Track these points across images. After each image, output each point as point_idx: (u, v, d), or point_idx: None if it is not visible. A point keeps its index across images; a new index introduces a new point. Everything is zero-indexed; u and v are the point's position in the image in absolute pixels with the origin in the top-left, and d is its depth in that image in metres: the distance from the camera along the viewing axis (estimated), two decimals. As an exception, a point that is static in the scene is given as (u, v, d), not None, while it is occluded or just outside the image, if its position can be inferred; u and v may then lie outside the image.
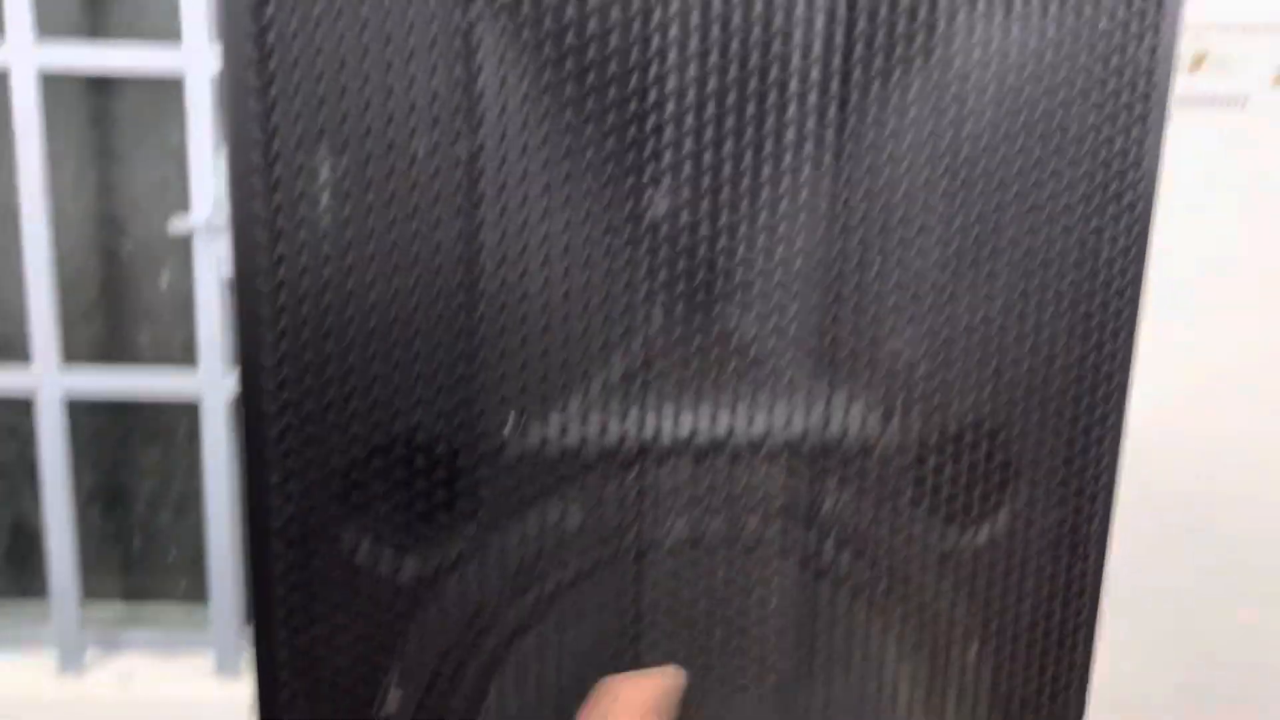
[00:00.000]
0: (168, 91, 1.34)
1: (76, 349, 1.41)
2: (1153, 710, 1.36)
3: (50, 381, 1.34)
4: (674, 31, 0.32)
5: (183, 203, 1.38)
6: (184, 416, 1.46)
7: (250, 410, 0.32)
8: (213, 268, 1.31)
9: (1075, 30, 0.37)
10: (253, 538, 0.33)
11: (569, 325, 0.33)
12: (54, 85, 1.31)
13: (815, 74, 0.35)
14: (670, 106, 0.33)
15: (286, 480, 0.32)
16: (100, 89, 1.37)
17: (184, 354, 1.44)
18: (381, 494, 0.33)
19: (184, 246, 1.39)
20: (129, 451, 1.48)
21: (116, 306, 1.44)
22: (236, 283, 0.32)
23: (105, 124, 1.39)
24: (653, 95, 0.33)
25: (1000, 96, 0.37)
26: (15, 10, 1.24)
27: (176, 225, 1.30)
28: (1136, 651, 1.34)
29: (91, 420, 1.45)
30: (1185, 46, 1.15)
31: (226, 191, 0.30)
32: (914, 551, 0.40)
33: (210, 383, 1.34)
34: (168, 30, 1.34)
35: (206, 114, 1.27)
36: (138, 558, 1.51)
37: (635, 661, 0.37)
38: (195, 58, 1.25)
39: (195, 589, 1.52)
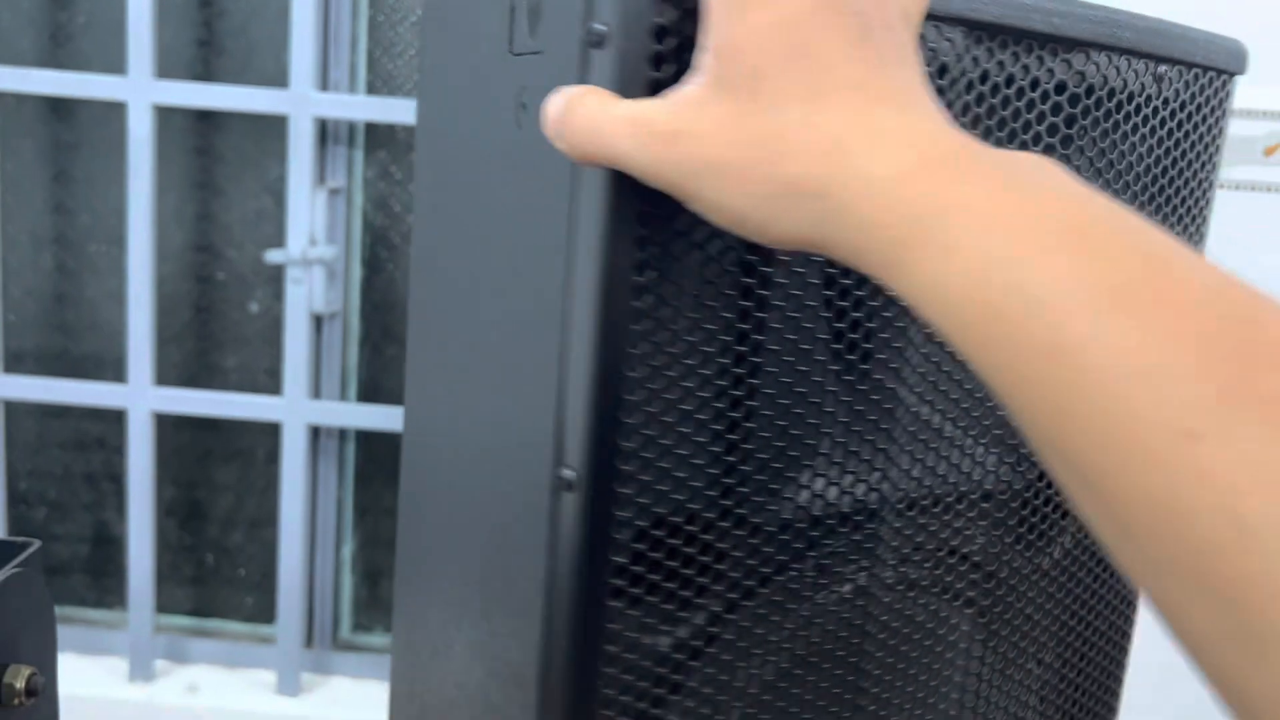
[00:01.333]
0: (269, 128, 1.41)
1: (166, 370, 1.48)
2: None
3: (141, 398, 1.40)
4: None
5: (276, 236, 1.45)
6: (265, 437, 1.51)
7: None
8: (302, 300, 1.37)
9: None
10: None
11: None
12: (164, 117, 1.39)
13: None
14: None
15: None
16: (206, 122, 1.45)
17: (268, 379, 1.50)
18: (653, 566, 0.36)
19: (276, 276, 1.46)
20: (209, 469, 1.54)
21: (208, 330, 1.50)
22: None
23: (209, 157, 1.47)
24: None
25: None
26: (136, 48, 1.32)
27: (273, 255, 1.37)
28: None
29: (175, 436, 1.52)
30: (1261, 132, 1.18)
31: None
32: (1018, 575, 0.46)
33: (293, 408, 1.40)
34: (268, 75, 1.42)
35: (307, 153, 1.33)
36: (210, 574, 1.57)
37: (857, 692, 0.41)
38: (301, 101, 1.32)
39: (261, 609, 1.57)
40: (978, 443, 0.43)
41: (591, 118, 0.32)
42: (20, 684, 0.54)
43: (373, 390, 1.50)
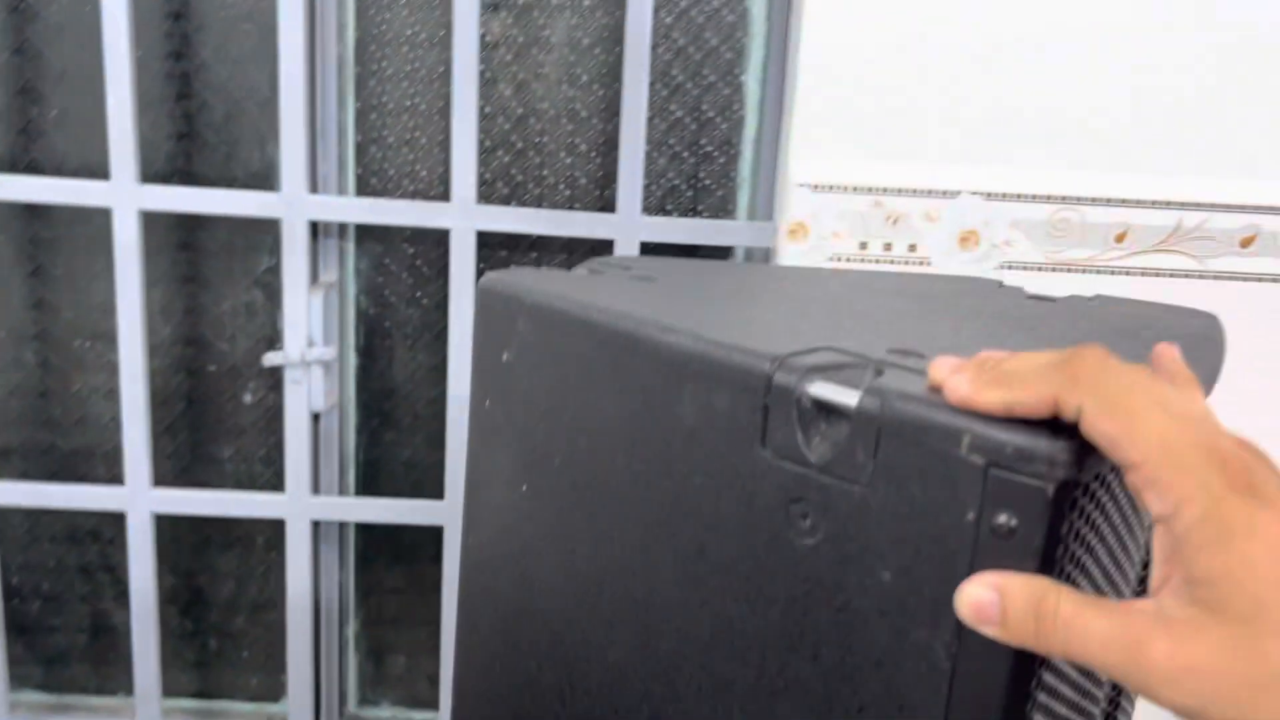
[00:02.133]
0: (256, 220, 1.39)
1: (160, 462, 1.47)
2: None
3: (141, 500, 1.40)
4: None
5: (267, 328, 1.44)
6: (264, 525, 1.52)
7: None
8: (302, 400, 1.37)
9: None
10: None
11: None
12: (151, 217, 1.36)
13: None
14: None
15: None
16: (191, 218, 1.42)
17: (264, 468, 1.50)
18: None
19: (270, 373, 1.45)
20: (208, 557, 1.54)
21: (202, 422, 1.49)
22: None
23: (195, 251, 1.44)
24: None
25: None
26: (119, 153, 1.29)
27: (270, 358, 1.36)
28: None
29: (173, 526, 1.51)
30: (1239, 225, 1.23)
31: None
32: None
33: (296, 506, 1.40)
34: (251, 166, 1.40)
35: (302, 256, 1.32)
36: (214, 658, 1.58)
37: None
38: (295, 205, 1.30)
39: (267, 688, 1.58)
40: None
41: (1071, 622, 0.34)
42: None
43: (371, 477, 1.51)
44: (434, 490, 1.47)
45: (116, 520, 1.45)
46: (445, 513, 1.42)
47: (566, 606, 0.56)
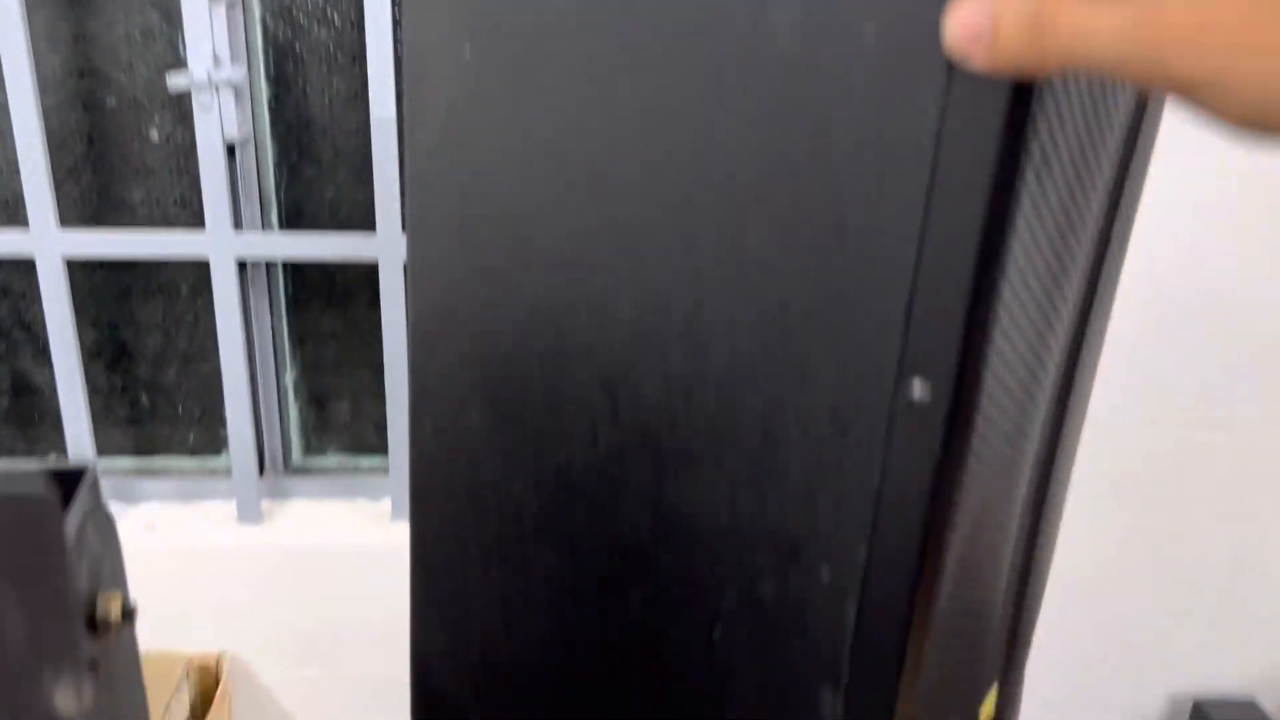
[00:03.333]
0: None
1: (67, 209, 1.38)
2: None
3: (50, 243, 1.32)
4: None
5: (169, 56, 1.33)
6: (186, 271, 1.45)
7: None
8: (215, 127, 1.28)
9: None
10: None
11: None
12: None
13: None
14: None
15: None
16: (68, -71, 1.29)
17: (179, 210, 1.42)
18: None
19: (174, 100, 1.35)
20: (129, 308, 1.48)
21: (106, 162, 1.40)
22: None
23: (77, -32, 1.31)
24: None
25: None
26: None
27: (175, 80, 1.26)
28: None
29: (88, 278, 1.44)
30: None
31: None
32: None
33: (218, 242, 1.33)
34: None
35: (198, -37, 1.21)
36: (146, 414, 1.53)
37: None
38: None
39: (206, 442, 1.55)
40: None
41: (1075, 19, 0.31)
42: (115, 611, 0.54)
43: (294, 218, 1.44)
44: (364, 229, 1.41)
45: (28, 271, 1.37)
46: (380, 247, 1.36)
47: (524, 178, 0.52)
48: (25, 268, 1.39)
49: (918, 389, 0.39)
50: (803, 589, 0.46)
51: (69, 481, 0.54)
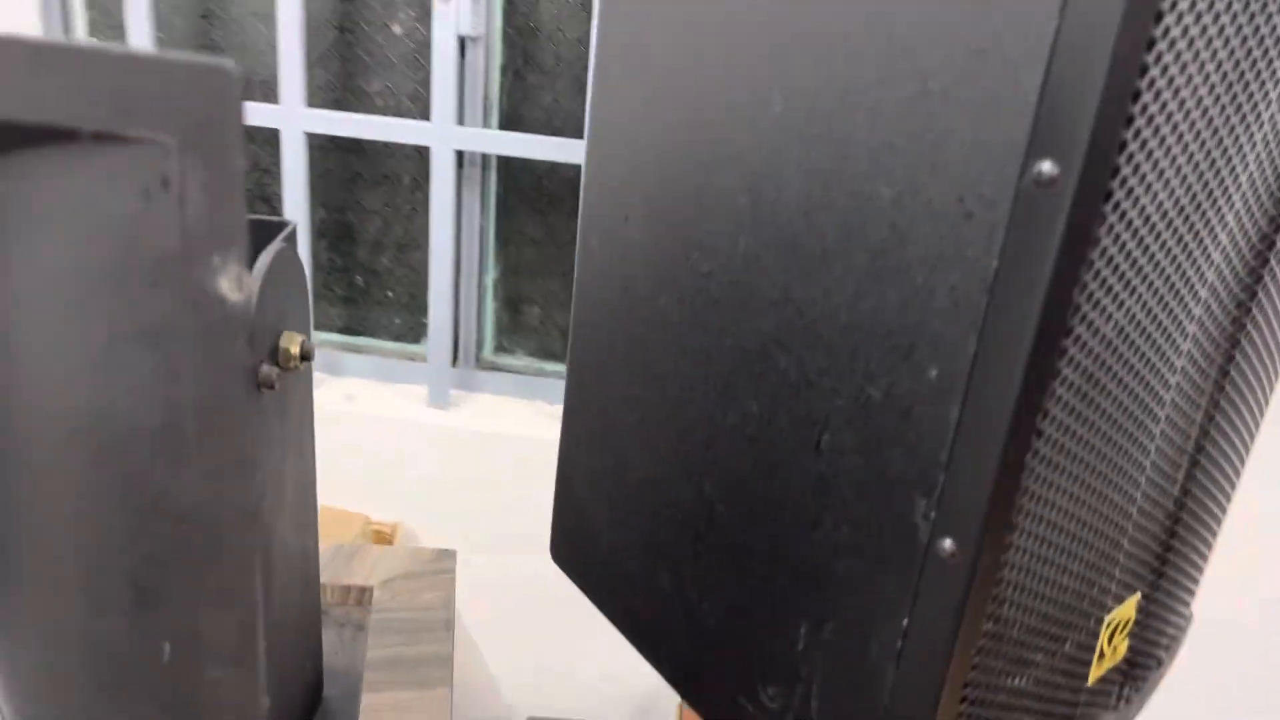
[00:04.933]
0: None
1: (313, 92, 1.50)
2: None
3: (295, 119, 1.43)
4: None
5: (420, -47, 1.42)
6: (409, 163, 1.55)
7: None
8: (450, 22, 1.36)
9: None
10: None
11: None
12: None
13: None
14: None
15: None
16: None
17: (411, 104, 1.51)
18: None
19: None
20: (356, 192, 1.59)
21: (353, 53, 1.51)
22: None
23: None
24: None
25: None
26: None
27: (419, -25, 1.34)
28: None
29: (322, 160, 1.56)
30: None
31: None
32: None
33: (442, 133, 1.41)
34: None
35: None
36: (360, 294, 1.65)
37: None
38: None
39: (409, 329, 1.65)
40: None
41: None
42: (295, 349, 0.59)
43: (513, 121, 1.51)
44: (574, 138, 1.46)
45: (275, 147, 1.50)
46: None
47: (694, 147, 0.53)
48: (274, 145, 1.52)
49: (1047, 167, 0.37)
50: (910, 390, 0.45)
51: (270, 231, 0.60)
